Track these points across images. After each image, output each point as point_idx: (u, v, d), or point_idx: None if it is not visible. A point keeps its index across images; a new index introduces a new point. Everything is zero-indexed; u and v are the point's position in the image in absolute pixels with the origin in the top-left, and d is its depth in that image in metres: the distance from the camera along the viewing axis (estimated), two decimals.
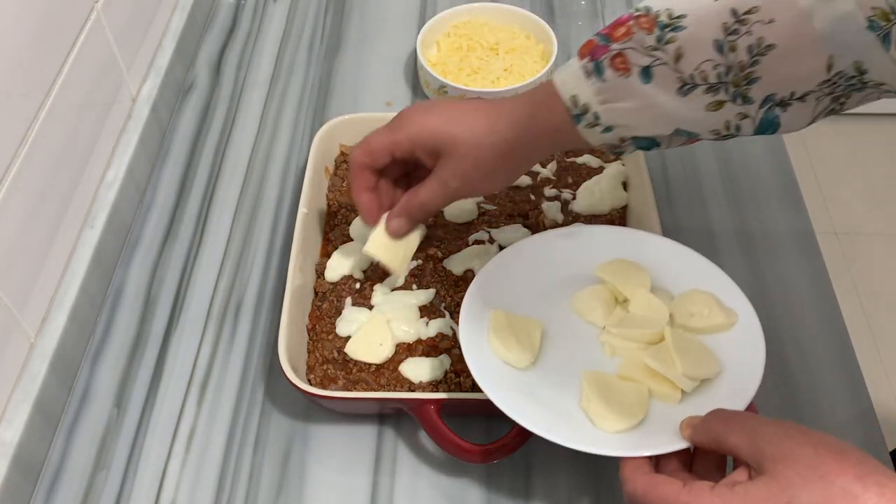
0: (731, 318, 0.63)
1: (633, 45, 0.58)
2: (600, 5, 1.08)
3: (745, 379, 0.58)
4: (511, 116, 0.63)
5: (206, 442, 0.69)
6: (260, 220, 0.85)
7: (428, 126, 0.65)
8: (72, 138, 0.74)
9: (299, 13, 1.08)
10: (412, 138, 0.66)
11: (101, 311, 0.78)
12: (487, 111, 0.64)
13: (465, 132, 0.64)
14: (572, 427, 0.58)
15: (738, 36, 0.55)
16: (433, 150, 0.65)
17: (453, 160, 0.64)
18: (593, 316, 0.66)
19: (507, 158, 0.65)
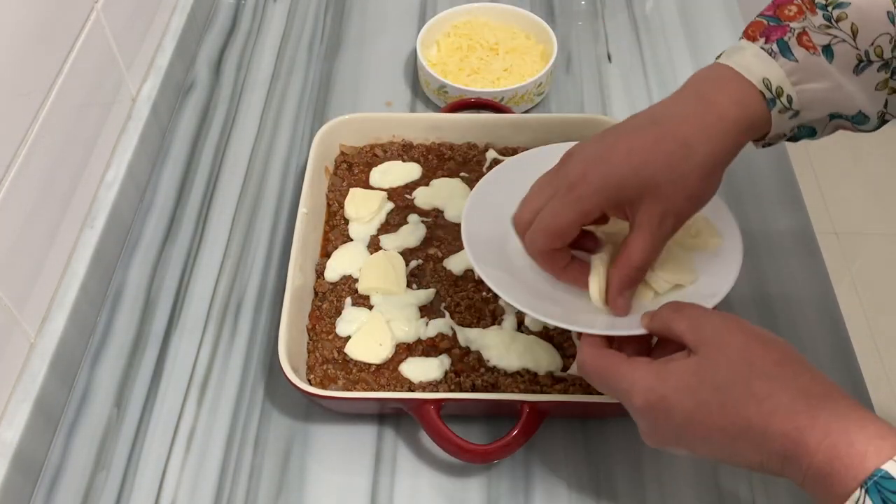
0: (716, 239, 0.66)
1: (808, 25, 0.56)
2: (600, 5, 1.08)
3: (712, 291, 0.62)
4: (702, 128, 0.56)
5: (206, 442, 0.69)
6: (260, 220, 0.85)
7: (614, 180, 0.56)
8: (72, 138, 0.74)
9: (299, 13, 1.08)
10: (601, 203, 0.56)
11: (101, 311, 0.78)
12: (670, 134, 0.56)
13: (663, 171, 0.55)
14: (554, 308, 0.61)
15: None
16: (629, 203, 0.57)
17: (659, 204, 0.56)
18: None
19: (711, 171, 0.57)
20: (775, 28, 0.56)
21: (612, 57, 1.02)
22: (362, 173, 0.84)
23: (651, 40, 1.03)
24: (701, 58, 1.01)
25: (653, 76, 0.99)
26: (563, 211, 0.57)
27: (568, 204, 0.57)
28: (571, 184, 0.56)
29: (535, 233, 0.59)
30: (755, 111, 0.57)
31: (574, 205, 0.56)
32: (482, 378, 0.68)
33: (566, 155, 0.59)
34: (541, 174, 0.62)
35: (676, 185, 0.55)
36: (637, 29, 1.05)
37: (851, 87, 0.56)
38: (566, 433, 0.69)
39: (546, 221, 0.58)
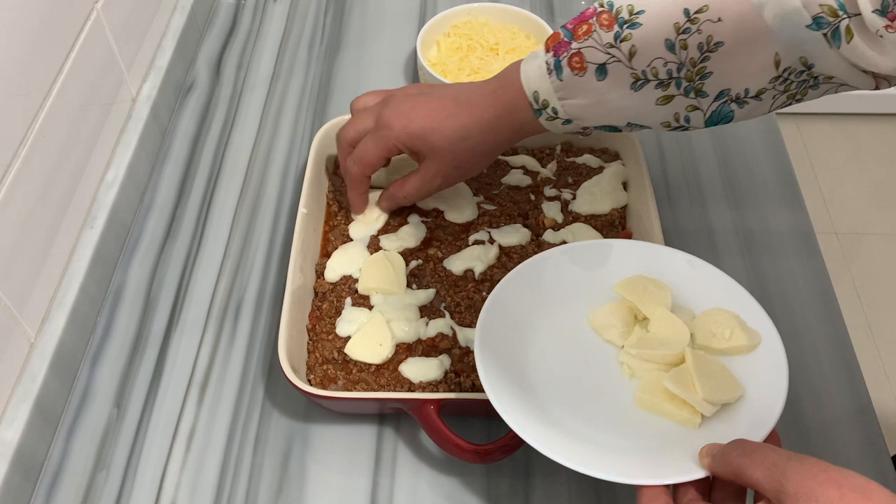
0: (753, 339, 0.60)
1: (591, 44, 0.61)
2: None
3: (766, 405, 0.56)
4: (481, 120, 0.69)
5: (206, 442, 0.69)
6: (260, 220, 0.85)
7: (410, 131, 0.70)
8: (72, 138, 0.74)
9: (299, 13, 1.08)
10: (400, 145, 0.71)
11: (101, 311, 0.78)
12: (459, 115, 0.69)
13: (442, 140, 0.70)
14: (589, 451, 0.56)
15: (689, 34, 0.58)
16: (416, 152, 0.72)
17: (433, 163, 0.72)
18: (611, 334, 0.64)
19: (482, 155, 0.72)
20: (563, 44, 0.64)
21: None
22: None
23: None
24: None
25: None
26: (373, 147, 0.73)
27: (377, 142, 0.72)
28: (381, 126, 0.71)
29: (353, 161, 0.74)
30: (525, 117, 0.68)
31: (381, 142, 0.72)
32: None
33: (389, 96, 0.74)
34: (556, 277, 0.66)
35: (450, 155, 0.71)
36: None
37: (622, 102, 0.63)
38: None
39: (360, 153, 0.73)
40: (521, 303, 0.65)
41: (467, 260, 0.76)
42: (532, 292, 0.66)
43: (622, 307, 0.65)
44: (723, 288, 0.64)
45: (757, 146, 0.91)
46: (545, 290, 0.66)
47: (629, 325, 0.64)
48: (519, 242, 0.78)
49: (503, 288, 0.65)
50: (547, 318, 0.65)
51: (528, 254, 0.77)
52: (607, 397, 0.61)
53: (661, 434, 0.58)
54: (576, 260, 0.68)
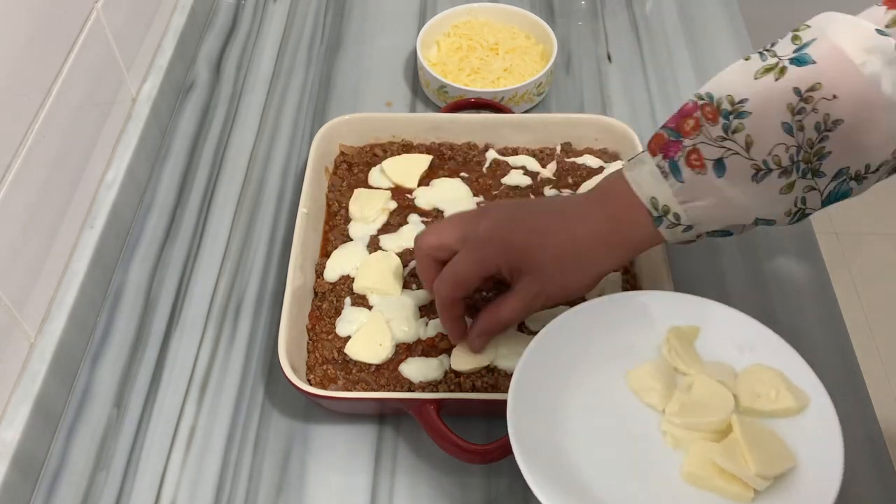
0: (800, 400, 0.57)
1: (703, 139, 0.57)
2: (600, 5, 1.08)
3: (821, 475, 0.53)
4: (593, 235, 0.62)
5: (206, 442, 0.69)
6: (260, 220, 0.85)
7: (514, 246, 0.63)
8: (72, 138, 0.74)
9: (299, 13, 1.08)
10: (501, 262, 0.63)
11: (101, 311, 0.78)
12: (567, 230, 0.62)
13: (549, 257, 0.62)
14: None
15: (804, 115, 0.54)
16: (517, 270, 0.63)
17: (537, 282, 0.63)
18: (651, 398, 0.59)
19: (590, 275, 0.64)
20: (672, 143, 0.59)
21: (612, 57, 1.02)
22: (362, 173, 0.84)
23: (651, 40, 1.03)
24: (700, 58, 1.01)
25: (653, 76, 0.99)
26: (468, 264, 0.64)
27: (473, 260, 0.64)
28: (480, 241, 0.63)
29: (443, 281, 0.65)
30: (645, 229, 0.61)
31: (479, 261, 0.63)
32: (482, 378, 0.68)
33: (481, 209, 0.68)
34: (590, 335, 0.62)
35: (558, 276, 0.63)
36: (637, 29, 1.05)
37: (745, 198, 0.58)
38: None
39: (453, 272, 0.64)
40: (554, 367, 0.60)
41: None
42: (564, 355, 0.61)
43: (662, 367, 0.61)
44: (765, 342, 0.61)
45: None
46: (578, 351, 0.61)
47: (670, 388, 0.60)
48: None
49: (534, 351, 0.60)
50: (582, 381, 0.60)
51: None
52: (652, 471, 0.56)
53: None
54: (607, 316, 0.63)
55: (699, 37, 1.04)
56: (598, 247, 0.62)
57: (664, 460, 0.57)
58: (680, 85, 0.98)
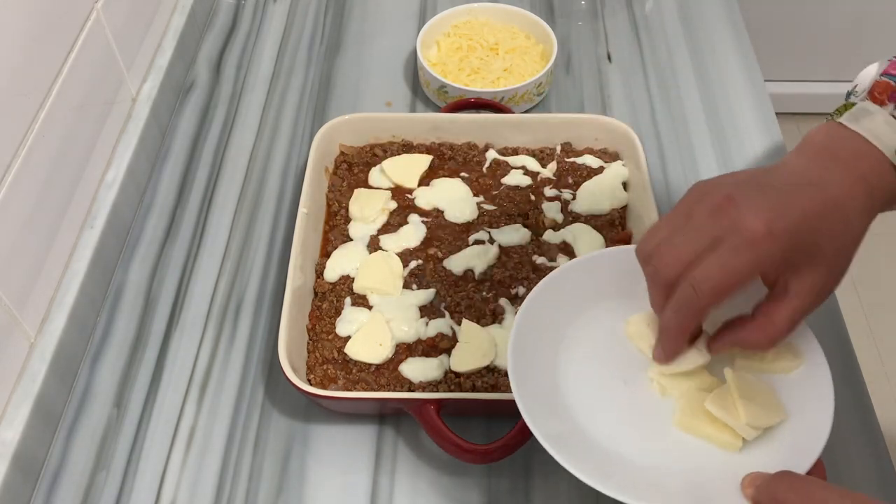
0: (797, 358, 0.57)
1: None
2: (600, 5, 1.08)
3: (810, 430, 0.54)
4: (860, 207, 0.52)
5: (206, 442, 0.69)
6: (260, 220, 0.85)
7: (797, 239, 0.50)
8: (72, 138, 0.74)
9: (299, 13, 1.08)
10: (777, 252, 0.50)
11: (101, 311, 0.78)
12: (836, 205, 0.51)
13: (830, 241, 0.51)
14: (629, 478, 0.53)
15: None
16: (792, 267, 0.52)
17: (823, 270, 0.52)
18: (643, 344, 0.60)
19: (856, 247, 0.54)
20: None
21: (612, 57, 1.02)
22: (362, 173, 0.84)
23: (651, 40, 1.03)
24: (700, 58, 1.01)
25: (653, 76, 0.99)
26: (739, 267, 0.49)
27: (747, 260, 0.49)
28: (753, 238, 0.49)
29: (702, 287, 0.50)
30: (891, 184, 0.53)
31: (753, 262, 0.49)
32: (482, 378, 0.68)
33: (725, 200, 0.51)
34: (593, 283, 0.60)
35: (838, 257, 0.52)
36: (637, 29, 1.05)
37: None
38: None
39: (715, 276, 0.50)
40: (556, 312, 0.61)
41: (467, 260, 0.76)
42: (567, 301, 0.61)
43: None
44: None
45: (757, 146, 0.91)
46: (581, 298, 0.62)
47: None
48: (519, 242, 0.78)
49: (538, 294, 0.60)
50: (584, 325, 0.61)
51: (528, 254, 0.77)
52: (644, 416, 0.57)
53: (700, 457, 0.55)
54: (611, 267, 0.63)
55: (699, 37, 1.04)
56: (863, 218, 0.53)
57: (655, 406, 0.58)
58: (680, 85, 0.98)
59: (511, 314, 0.73)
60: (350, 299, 0.74)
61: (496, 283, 0.75)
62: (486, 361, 0.69)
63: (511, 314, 0.73)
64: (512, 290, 0.74)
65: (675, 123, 0.94)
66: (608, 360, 0.60)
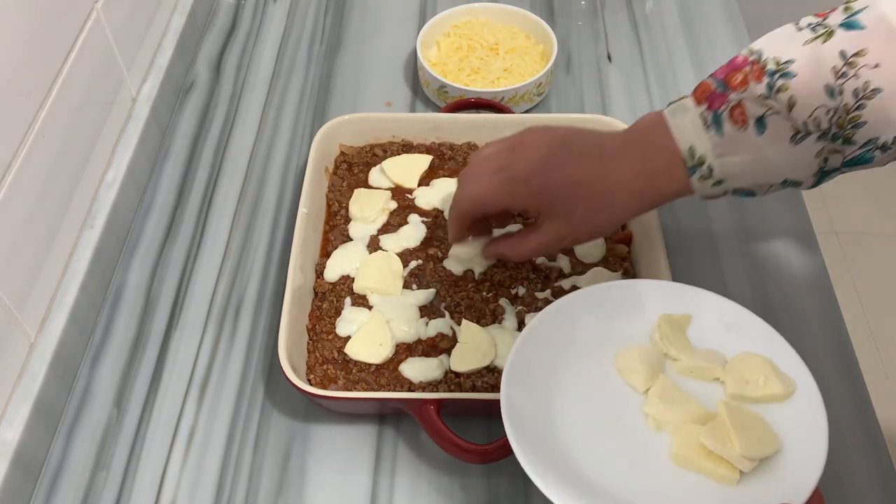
0: (788, 387, 0.58)
1: (747, 95, 0.57)
2: (600, 5, 1.08)
3: (806, 459, 0.54)
4: (628, 185, 0.62)
5: (206, 442, 0.69)
6: (260, 220, 0.85)
7: (546, 193, 0.63)
8: (72, 138, 0.74)
9: (299, 13, 1.08)
10: (530, 202, 0.64)
11: (101, 311, 0.78)
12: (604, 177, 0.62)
13: (583, 205, 0.63)
14: None
15: (846, 79, 0.54)
16: (546, 212, 0.64)
17: (566, 224, 0.64)
18: (634, 379, 0.60)
19: (619, 220, 0.66)
20: (718, 96, 0.59)
21: (612, 57, 1.02)
22: (362, 173, 0.84)
23: (651, 40, 1.03)
24: (700, 57, 1.01)
25: (653, 76, 0.99)
26: (496, 192, 0.64)
27: (504, 191, 0.64)
28: (514, 177, 0.63)
29: (466, 195, 0.66)
30: (678, 181, 0.61)
31: (508, 195, 0.64)
32: (482, 378, 0.68)
33: (517, 142, 0.65)
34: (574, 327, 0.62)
35: (587, 220, 0.64)
36: (637, 29, 1.05)
37: (780, 157, 0.58)
38: None
39: (479, 192, 0.65)
40: (547, 351, 0.61)
41: (467, 260, 0.76)
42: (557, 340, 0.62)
43: (650, 352, 0.62)
44: (755, 331, 0.61)
45: None
46: (571, 336, 0.62)
47: (655, 372, 0.60)
48: None
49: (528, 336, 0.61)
50: (574, 364, 0.61)
51: None
52: (640, 453, 0.58)
53: (697, 492, 0.55)
54: (600, 303, 0.64)
55: (699, 36, 1.04)
56: (632, 197, 0.63)
57: (650, 442, 0.58)
58: (680, 85, 0.98)
59: (511, 314, 0.73)
60: (350, 299, 0.74)
61: (496, 284, 0.75)
62: (486, 361, 0.69)
63: (511, 314, 0.73)
64: (512, 291, 0.75)
65: None
66: (601, 397, 0.60)
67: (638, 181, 0.62)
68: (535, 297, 0.74)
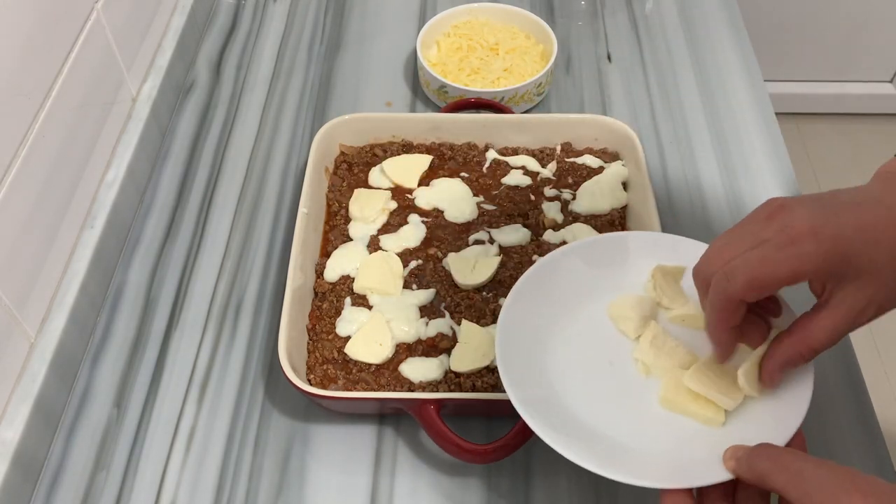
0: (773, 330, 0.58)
1: None
2: (600, 5, 1.08)
3: (790, 405, 0.55)
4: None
5: (206, 442, 0.69)
6: (260, 220, 0.85)
7: (843, 248, 0.50)
8: (72, 138, 0.74)
9: (299, 13, 1.08)
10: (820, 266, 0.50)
11: (101, 311, 0.78)
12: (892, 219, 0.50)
13: (886, 258, 0.50)
14: (614, 455, 0.55)
15: None
16: (839, 278, 0.51)
17: (870, 289, 0.51)
18: (626, 325, 0.62)
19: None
20: None
21: (612, 57, 1.02)
22: (362, 173, 0.84)
23: (651, 40, 1.03)
24: (701, 57, 1.01)
25: (653, 76, 0.99)
26: (777, 260, 0.50)
27: (786, 256, 0.50)
28: (795, 236, 0.50)
29: (735, 275, 0.51)
30: None
31: (792, 259, 0.50)
32: (482, 378, 0.68)
33: (778, 208, 0.52)
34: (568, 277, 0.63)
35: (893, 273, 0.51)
36: (637, 29, 1.05)
37: None
38: None
39: (754, 266, 0.50)
40: (541, 301, 0.63)
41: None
42: (551, 290, 0.63)
43: (643, 300, 0.63)
44: None
45: (757, 146, 0.91)
46: (564, 287, 0.64)
47: (646, 319, 0.62)
48: (519, 242, 0.78)
49: (521, 287, 0.62)
50: (567, 315, 0.63)
51: (527, 254, 0.77)
52: (631, 397, 0.59)
53: (685, 434, 0.57)
54: (592, 255, 0.65)
55: (699, 37, 1.04)
56: None
57: (641, 387, 0.60)
58: (680, 85, 0.98)
59: None
60: (350, 299, 0.74)
61: (496, 283, 0.75)
62: (486, 361, 0.69)
63: None
64: None
65: (675, 123, 0.94)
66: (593, 344, 0.63)
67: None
68: None
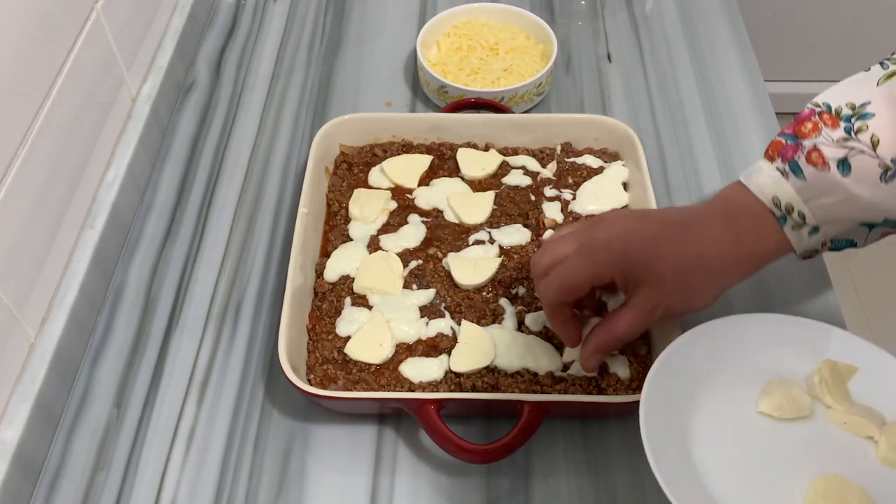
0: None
1: (823, 140, 0.56)
2: (600, 5, 1.08)
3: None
4: (718, 246, 0.59)
5: (206, 442, 0.69)
6: (260, 220, 0.85)
7: (631, 259, 0.60)
8: (72, 138, 0.74)
9: (299, 13, 1.08)
10: (615, 271, 0.60)
11: (101, 311, 0.78)
12: (689, 242, 0.60)
13: (671, 268, 0.59)
14: None
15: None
16: (634, 282, 0.60)
17: (655, 294, 0.60)
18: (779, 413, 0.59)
19: (715, 287, 0.61)
20: (790, 147, 0.58)
21: (612, 57, 1.02)
22: (362, 173, 0.84)
23: (651, 40, 1.03)
24: (701, 57, 1.01)
25: (653, 76, 0.99)
26: (579, 269, 0.61)
27: (586, 265, 0.61)
28: (594, 248, 0.61)
29: (550, 284, 0.62)
30: (770, 239, 0.59)
31: (591, 267, 0.61)
32: (482, 378, 0.68)
33: (598, 218, 0.64)
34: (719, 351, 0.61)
35: (679, 288, 0.60)
36: (637, 29, 1.05)
37: (873, 196, 0.56)
38: (566, 433, 0.69)
39: (562, 276, 0.62)
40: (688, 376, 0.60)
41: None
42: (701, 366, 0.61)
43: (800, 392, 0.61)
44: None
45: (757, 147, 0.91)
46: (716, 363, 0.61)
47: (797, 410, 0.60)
48: (519, 242, 0.78)
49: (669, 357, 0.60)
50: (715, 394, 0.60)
51: (528, 253, 0.77)
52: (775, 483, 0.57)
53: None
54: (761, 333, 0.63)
55: (699, 37, 1.04)
56: (724, 260, 0.59)
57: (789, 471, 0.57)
58: (680, 85, 0.98)
59: (511, 314, 0.73)
60: (350, 299, 0.74)
61: (496, 283, 0.75)
62: (486, 361, 0.69)
63: (511, 314, 0.73)
64: (512, 290, 0.75)
65: (675, 123, 0.94)
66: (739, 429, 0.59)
67: (727, 243, 0.59)
68: (535, 298, 0.74)
